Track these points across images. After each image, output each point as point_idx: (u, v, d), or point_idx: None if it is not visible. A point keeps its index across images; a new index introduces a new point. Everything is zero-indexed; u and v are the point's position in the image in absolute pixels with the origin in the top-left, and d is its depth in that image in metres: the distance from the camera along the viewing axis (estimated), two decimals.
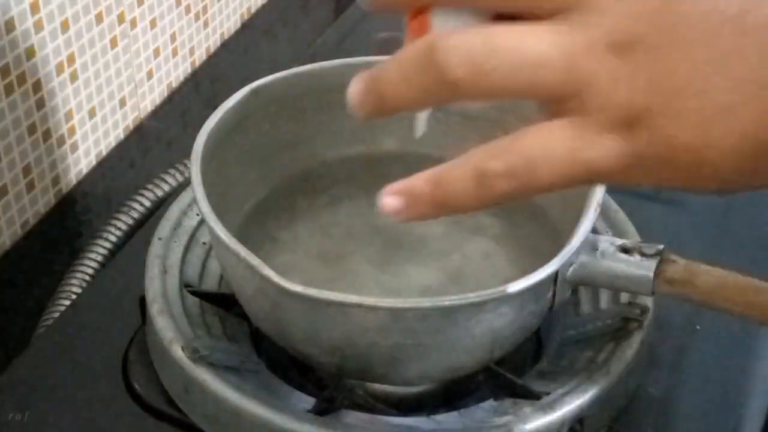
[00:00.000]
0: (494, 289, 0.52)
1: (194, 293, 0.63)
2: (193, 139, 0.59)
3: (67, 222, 0.81)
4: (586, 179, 0.34)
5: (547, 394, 0.57)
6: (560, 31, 0.33)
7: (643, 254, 0.55)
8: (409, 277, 0.66)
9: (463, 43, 0.33)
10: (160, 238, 0.65)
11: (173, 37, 0.92)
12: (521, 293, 0.52)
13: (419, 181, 0.35)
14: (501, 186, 0.34)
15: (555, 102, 0.34)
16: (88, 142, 0.84)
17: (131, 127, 0.89)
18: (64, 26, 0.77)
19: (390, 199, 0.36)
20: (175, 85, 0.94)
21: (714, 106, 0.32)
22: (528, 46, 0.33)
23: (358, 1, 0.36)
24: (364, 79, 0.35)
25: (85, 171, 0.84)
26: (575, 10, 0.33)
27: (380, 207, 0.36)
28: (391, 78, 0.34)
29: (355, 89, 0.35)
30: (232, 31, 1.02)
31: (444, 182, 0.35)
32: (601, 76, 0.33)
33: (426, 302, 0.53)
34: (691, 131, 0.32)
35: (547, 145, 0.33)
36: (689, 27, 0.32)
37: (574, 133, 0.33)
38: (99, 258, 0.74)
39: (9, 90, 0.73)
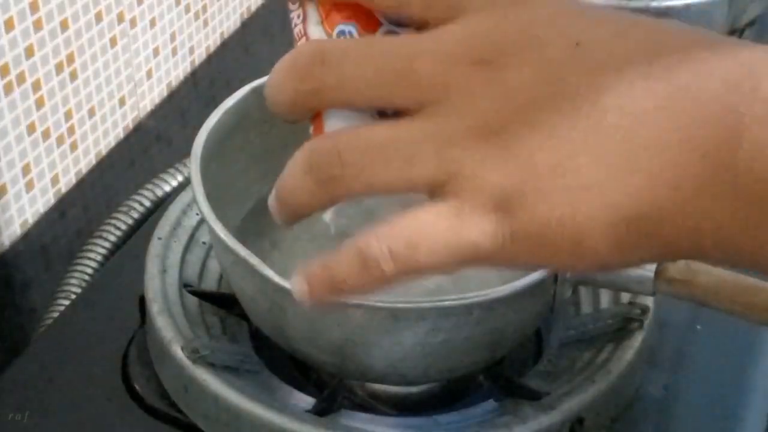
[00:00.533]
0: (494, 289, 0.52)
1: (194, 293, 0.63)
2: (193, 138, 0.59)
3: (66, 221, 0.81)
4: (471, 261, 0.35)
5: (547, 394, 0.57)
6: (429, 122, 0.34)
7: None
8: None
9: (337, 144, 0.35)
10: (159, 238, 0.65)
11: (173, 37, 0.92)
12: (521, 293, 0.52)
13: (315, 264, 0.36)
14: (385, 269, 0.35)
15: (432, 190, 0.35)
16: (88, 141, 0.84)
17: (131, 126, 0.89)
18: (64, 25, 0.77)
19: (297, 283, 0.37)
20: (174, 84, 0.94)
21: (581, 184, 0.32)
22: (398, 138, 0.34)
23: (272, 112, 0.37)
24: (275, 187, 0.37)
25: (84, 170, 0.84)
26: (444, 102, 0.34)
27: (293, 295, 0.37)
28: (286, 185, 0.36)
29: (269, 199, 0.38)
30: (232, 30, 1.02)
31: (332, 266, 0.36)
32: (470, 161, 0.33)
33: (426, 302, 0.53)
34: (561, 209, 0.33)
35: (426, 228, 0.34)
36: (551, 109, 0.33)
37: (453, 217, 0.34)
38: (98, 258, 0.73)
39: (8, 89, 0.73)
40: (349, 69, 0.34)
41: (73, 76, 0.80)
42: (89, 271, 0.72)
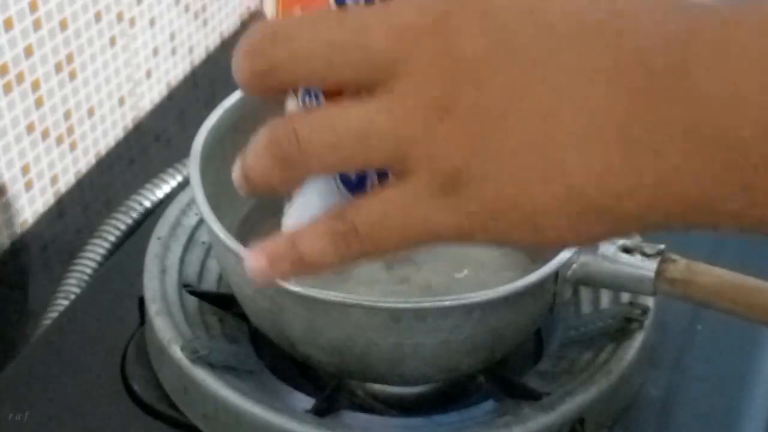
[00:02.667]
0: (494, 289, 0.52)
1: (193, 293, 0.63)
2: (192, 138, 0.58)
3: (65, 221, 0.81)
4: (430, 239, 0.35)
5: (547, 394, 0.57)
6: (384, 99, 0.34)
7: (644, 254, 0.55)
8: (410, 277, 0.66)
9: (294, 123, 0.35)
10: (158, 238, 0.65)
11: (172, 36, 0.92)
12: (521, 293, 0.52)
13: (279, 240, 0.36)
14: (353, 246, 0.35)
15: (391, 168, 0.35)
16: (87, 141, 0.84)
17: (130, 126, 0.89)
18: (63, 25, 0.77)
19: (253, 260, 0.37)
20: (173, 84, 0.94)
21: (530, 161, 0.33)
22: (351, 119, 0.34)
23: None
24: (238, 163, 0.37)
25: (83, 170, 0.84)
26: (398, 77, 0.33)
27: (246, 270, 0.37)
28: (248, 161, 0.37)
29: (233, 172, 0.38)
30: (231, 29, 1.02)
31: (300, 241, 0.36)
32: (424, 138, 0.33)
33: (426, 302, 0.53)
34: (513, 187, 0.33)
35: (382, 208, 0.35)
36: (504, 84, 0.33)
37: (407, 196, 0.34)
38: (98, 258, 0.73)
39: (8, 88, 0.73)
40: (300, 45, 0.34)
41: (73, 75, 0.80)
42: (89, 270, 0.72)
